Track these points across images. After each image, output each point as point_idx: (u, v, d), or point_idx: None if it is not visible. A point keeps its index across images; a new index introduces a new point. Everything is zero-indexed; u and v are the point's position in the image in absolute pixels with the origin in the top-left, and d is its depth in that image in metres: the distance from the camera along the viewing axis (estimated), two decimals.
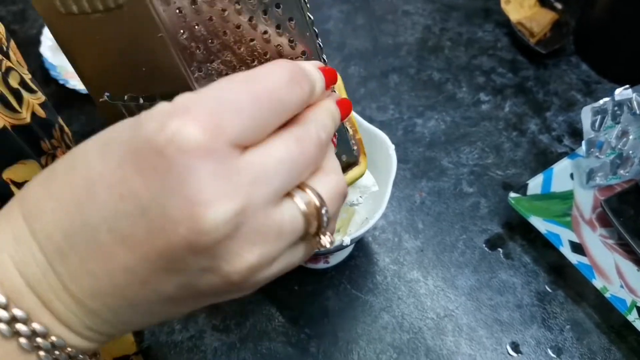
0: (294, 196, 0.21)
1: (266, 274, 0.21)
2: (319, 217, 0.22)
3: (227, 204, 0.18)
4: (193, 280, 0.20)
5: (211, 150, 0.18)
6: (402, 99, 0.70)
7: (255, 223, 0.19)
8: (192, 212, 0.18)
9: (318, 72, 0.25)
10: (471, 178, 0.62)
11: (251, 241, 0.20)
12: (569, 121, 0.66)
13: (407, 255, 0.56)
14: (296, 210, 0.21)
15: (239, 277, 0.20)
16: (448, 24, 0.79)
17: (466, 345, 0.50)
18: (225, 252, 0.19)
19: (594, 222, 0.55)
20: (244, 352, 0.50)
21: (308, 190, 0.22)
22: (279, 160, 0.20)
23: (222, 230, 0.18)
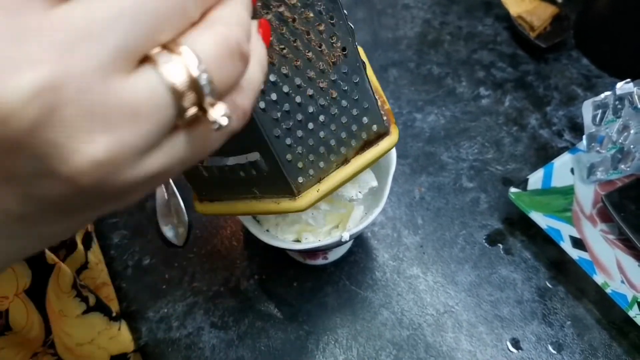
0: (154, 61, 0.15)
1: (138, 172, 0.16)
2: (196, 86, 0.16)
3: (30, 71, 0.13)
4: (31, 189, 0.15)
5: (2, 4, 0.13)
6: (401, 94, 0.69)
7: (87, 100, 0.14)
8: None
9: None
10: (471, 173, 0.61)
11: (88, 125, 0.14)
12: (569, 116, 0.66)
13: (407, 251, 0.55)
14: (154, 78, 0.15)
15: (89, 178, 0.15)
16: (448, 17, 0.78)
17: (466, 341, 0.49)
18: (49, 145, 0.14)
19: (594, 217, 0.55)
20: (242, 349, 0.50)
21: (180, 50, 0.16)
22: (110, 7, 0.14)
23: (30, 113, 0.13)
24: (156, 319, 0.52)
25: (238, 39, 0.17)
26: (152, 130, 0.15)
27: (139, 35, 0.15)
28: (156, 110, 0.15)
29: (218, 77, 0.16)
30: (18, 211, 0.16)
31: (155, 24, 0.15)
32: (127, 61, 0.15)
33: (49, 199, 0.16)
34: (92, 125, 0.14)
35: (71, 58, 0.14)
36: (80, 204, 0.16)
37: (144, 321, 0.52)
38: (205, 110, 0.16)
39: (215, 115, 0.16)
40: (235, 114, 0.18)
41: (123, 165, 0.15)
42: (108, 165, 0.15)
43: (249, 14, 0.19)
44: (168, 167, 0.17)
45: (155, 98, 0.15)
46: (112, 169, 0.15)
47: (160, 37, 0.15)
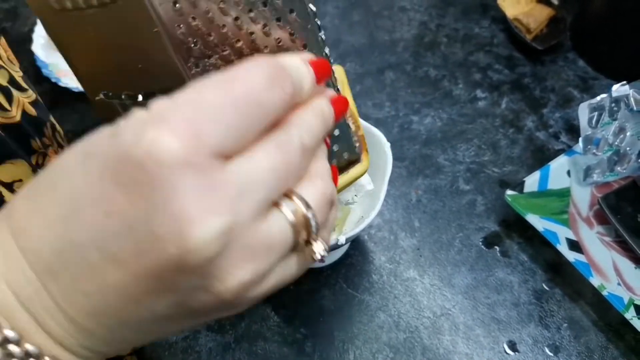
0: (280, 206, 0.20)
1: (259, 290, 0.21)
2: (307, 226, 0.21)
3: (215, 220, 0.17)
4: (186, 298, 0.19)
5: (192, 162, 0.17)
6: (398, 96, 0.69)
7: (245, 238, 0.19)
8: (180, 230, 0.17)
9: (306, 66, 0.23)
10: (468, 175, 0.61)
11: (242, 257, 0.19)
12: (565, 118, 0.66)
13: (403, 253, 0.55)
14: (284, 221, 0.20)
15: (232, 294, 0.19)
16: (444, 20, 0.78)
17: (463, 344, 0.49)
18: (215, 270, 0.18)
19: (591, 220, 0.55)
20: (239, 352, 0.49)
21: (295, 198, 0.21)
22: (263, 169, 0.19)
23: (212, 248, 0.18)
24: None
25: (332, 191, 0.23)
26: (277, 258, 0.21)
27: (278, 187, 0.20)
28: (282, 244, 0.20)
29: (320, 218, 0.22)
30: (165, 313, 0.20)
31: (285, 179, 0.20)
32: (267, 207, 0.20)
33: (193, 307, 0.20)
34: (245, 255, 0.19)
35: (240, 207, 0.18)
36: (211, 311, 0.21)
37: None
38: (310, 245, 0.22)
39: (318, 249, 0.22)
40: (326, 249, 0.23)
41: (254, 285, 0.20)
42: (247, 286, 0.19)
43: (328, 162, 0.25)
44: (277, 286, 0.22)
45: (284, 234, 0.20)
46: (248, 288, 0.20)
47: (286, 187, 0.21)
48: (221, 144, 0.18)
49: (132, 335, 0.22)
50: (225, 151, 0.19)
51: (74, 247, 0.19)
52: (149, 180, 0.17)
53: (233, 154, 0.19)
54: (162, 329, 0.22)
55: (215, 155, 0.18)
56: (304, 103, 0.23)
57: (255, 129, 0.20)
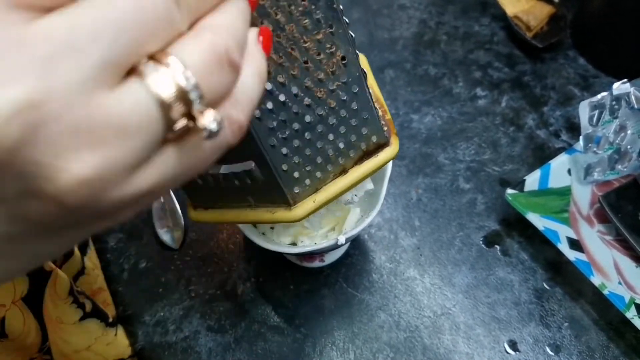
0: (141, 73, 0.15)
1: (128, 190, 0.15)
2: (183, 95, 0.15)
3: (9, 89, 0.12)
4: (17, 209, 0.15)
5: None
6: (398, 94, 0.69)
7: (72, 116, 0.13)
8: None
9: None
10: (468, 174, 0.61)
11: (74, 144, 0.14)
12: (566, 116, 0.66)
13: (404, 253, 0.55)
14: (141, 91, 0.14)
15: (77, 197, 0.14)
16: (444, 17, 0.78)
17: (463, 343, 0.49)
18: (32, 164, 0.13)
19: (591, 218, 0.55)
20: (239, 352, 0.49)
21: (167, 60, 0.15)
22: (94, 20, 0.14)
23: (12, 128, 0.13)
24: (152, 322, 0.51)
25: (227, 46, 0.16)
26: (141, 145, 0.15)
27: (124, 47, 0.14)
28: (144, 124, 0.15)
29: (206, 86, 0.16)
30: (5, 231, 0.16)
31: (141, 35, 0.14)
32: (112, 75, 0.14)
33: (36, 219, 0.15)
34: (77, 142, 0.14)
35: (53, 73, 0.13)
36: (70, 223, 0.16)
37: (140, 325, 0.51)
38: (196, 121, 0.16)
39: (205, 122, 0.15)
40: (230, 127, 0.17)
41: (111, 183, 0.15)
42: (95, 184, 0.14)
43: (244, 21, 0.18)
44: (159, 184, 0.16)
45: (143, 111, 0.14)
46: (100, 188, 0.14)
47: (146, 48, 0.15)
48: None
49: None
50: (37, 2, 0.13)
51: None
52: None
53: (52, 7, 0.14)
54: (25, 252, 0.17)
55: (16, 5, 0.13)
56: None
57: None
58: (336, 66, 0.30)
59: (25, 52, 0.13)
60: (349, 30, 0.30)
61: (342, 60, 0.30)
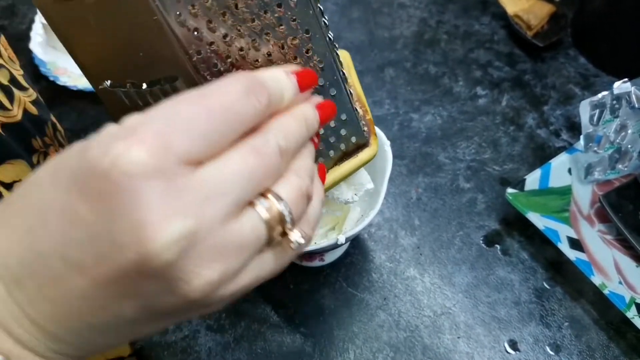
0: (254, 205, 0.21)
1: (233, 288, 0.21)
2: (281, 219, 0.21)
3: (176, 224, 0.18)
4: (151, 302, 0.20)
5: (158, 170, 0.18)
6: (398, 94, 0.69)
7: (213, 240, 0.19)
8: (140, 235, 0.18)
9: (287, 76, 0.24)
10: (468, 173, 0.61)
11: (209, 258, 0.19)
12: (567, 115, 0.66)
13: (404, 252, 0.55)
14: (256, 218, 0.21)
15: (200, 294, 0.19)
16: (444, 16, 0.78)
17: (463, 343, 0.49)
18: (179, 272, 0.18)
19: (592, 218, 0.55)
20: (239, 352, 0.49)
21: (269, 196, 0.21)
22: (233, 172, 0.20)
23: (173, 251, 0.18)
24: None
25: (307, 185, 0.23)
26: (250, 255, 0.21)
27: (250, 190, 0.20)
28: (255, 240, 0.21)
29: (295, 212, 0.22)
30: (131, 317, 0.20)
31: (260, 181, 0.21)
32: (239, 208, 0.20)
33: (161, 309, 0.20)
34: (212, 257, 0.19)
35: (206, 210, 0.18)
36: (181, 312, 0.21)
37: None
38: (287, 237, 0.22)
39: (295, 237, 0.22)
40: (305, 239, 0.23)
41: (225, 283, 0.20)
42: (215, 285, 0.19)
43: (313, 162, 0.25)
44: (253, 282, 0.22)
45: (257, 230, 0.21)
46: (218, 287, 0.20)
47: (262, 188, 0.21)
48: (190, 151, 0.19)
49: (101, 338, 0.22)
50: (195, 158, 0.19)
51: (39, 256, 0.20)
52: (113, 189, 0.18)
53: (205, 161, 0.19)
54: (135, 331, 0.22)
55: (183, 163, 0.18)
56: (286, 109, 0.24)
57: (229, 136, 0.20)
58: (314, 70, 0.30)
59: (190, 196, 0.18)
60: (328, 33, 0.30)
61: (319, 64, 0.30)
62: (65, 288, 0.20)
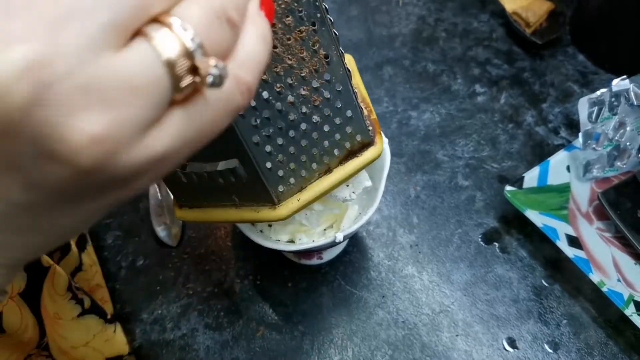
0: (146, 34, 0.15)
1: (147, 152, 0.16)
2: (187, 52, 0.16)
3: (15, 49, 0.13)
4: (33, 174, 0.15)
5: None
6: (396, 91, 0.69)
7: (80, 76, 0.14)
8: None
9: None
10: (466, 171, 0.61)
11: (83, 104, 0.14)
12: (565, 113, 0.66)
13: (402, 250, 0.55)
14: (148, 52, 0.15)
15: (90, 157, 0.14)
16: (443, 14, 0.78)
17: (462, 341, 0.49)
18: (45, 124, 0.13)
19: (590, 215, 0.55)
20: (237, 350, 0.49)
21: (165, 19, 0.15)
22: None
23: (20, 89, 0.13)
24: (150, 320, 0.51)
25: (223, 5, 0.17)
26: (150, 104, 0.15)
27: (129, 10, 0.14)
28: (152, 82, 0.15)
29: (206, 40, 0.16)
30: (22, 200, 0.16)
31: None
32: (119, 36, 0.14)
33: (51, 184, 0.15)
34: (87, 101, 0.14)
35: (61, 34, 0.13)
36: (86, 189, 0.16)
37: (138, 323, 0.51)
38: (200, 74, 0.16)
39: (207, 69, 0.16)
40: (238, 87, 0.18)
41: (123, 143, 0.15)
42: (108, 143, 0.14)
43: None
44: (173, 147, 0.17)
45: (150, 69, 0.15)
46: (113, 148, 0.15)
47: (150, 11, 0.15)
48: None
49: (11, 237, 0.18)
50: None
51: None
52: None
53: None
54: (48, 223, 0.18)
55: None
56: None
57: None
58: (319, 64, 0.30)
59: (33, 15, 0.13)
60: (333, 29, 0.30)
61: (325, 59, 0.30)
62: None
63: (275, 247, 0.41)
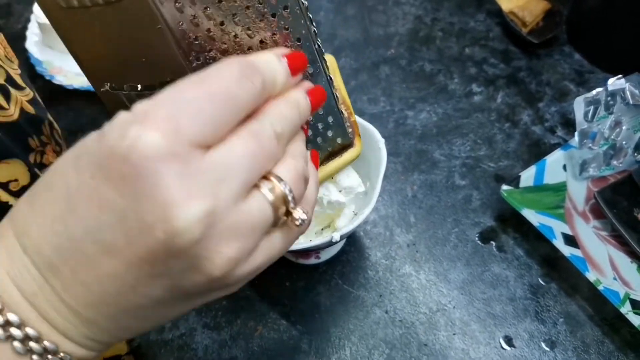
0: (260, 187, 0.22)
1: (248, 267, 0.22)
2: (284, 200, 0.23)
3: (197, 204, 0.19)
4: (179, 280, 0.21)
5: (173, 153, 0.19)
6: (393, 91, 0.69)
7: (228, 219, 0.20)
8: (165, 215, 0.19)
9: (278, 60, 0.25)
10: (463, 170, 0.61)
11: (227, 237, 0.20)
12: (561, 112, 0.66)
13: (399, 249, 0.55)
14: (263, 199, 0.22)
15: (221, 272, 0.21)
16: (439, 14, 0.78)
17: (459, 339, 0.49)
18: (203, 250, 0.20)
19: (587, 214, 0.55)
20: (235, 349, 0.49)
21: (271, 178, 0.23)
22: (239, 156, 0.21)
23: (196, 229, 0.19)
24: None
25: (303, 168, 0.25)
26: (260, 234, 0.22)
27: (255, 172, 0.22)
28: (264, 220, 0.22)
29: (295, 192, 0.24)
30: (160, 297, 0.22)
31: (263, 163, 0.22)
32: (246, 190, 0.21)
33: (187, 288, 0.21)
34: (230, 234, 0.20)
35: (220, 192, 0.20)
36: (204, 292, 0.22)
37: None
38: (291, 216, 0.23)
39: (298, 215, 0.23)
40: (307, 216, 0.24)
41: (242, 262, 0.21)
42: (234, 263, 0.21)
43: (305, 148, 0.27)
44: (265, 262, 0.23)
45: (264, 211, 0.22)
46: (236, 265, 0.21)
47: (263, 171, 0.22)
48: (200, 135, 0.20)
49: (132, 322, 0.23)
50: (204, 141, 0.20)
51: (71, 241, 0.21)
52: (135, 172, 0.19)
53: (212, 144, 0.21)
54: (161, 314, 0.23)
55: (194, 145, 0.20)
56: (279, 95, 0.25)
57: (230, 120, 0.21)
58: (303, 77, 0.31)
59: (205, 177, 0.20)
60: (317, 41, 0.31)
61: (309, 71, 0.32)
62: (99, 270, 0.21)
63: None
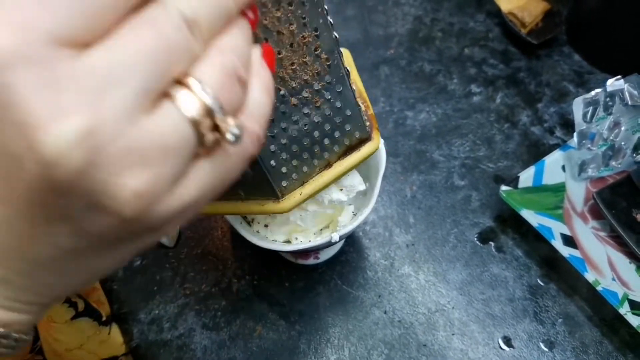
0: (170, 95, 0.17)
1: (175, 203, 0.18)
2: (207, 110, 0.17)
3: (69, 121, 0.14)
4: (83, 224, 0.17)
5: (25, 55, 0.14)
6: (392, 91, 0.69)
7: (123, 140, 0.15)
8: (29, 141, 0.14)
9: None
10: (462, 171, 0.61)
11: (127, 164, 0.16)
12: (560, 112, 0.66)
13: (398, 249, 0.55)
14: (175, 112, 0.17)
15: (133, 210, 0.16)
16: (439, 14, 0.78)
17: (458, 340, 0.49)
18: (97, 184, 0.15)
19: (586, 215, 0.55)
20: (234, 350, 0.49)
21: (188, 81, 0.17)
22: (129, 54, 0.15)
23: (75, 156, 0.15)
24: (147, 320, 0.51)
25: (235, 66, 0.18)
26: (180, 159, 0.17)
27: (156, 75, 0.16)
28: (181, 141, 0.17)
29: (223, 99, 0.18)
30: (70, 246, 0.18)
31: (167, 63, 0.16)
32: (149, 100, 0.16)
33: (98, 233, 0.17)
34: (130, 162, 0.15)
35: (102, 104, 0.15)
36: (125, 236, 0.18)
37: (135, 323, 0.51)
38: (221, 131, 0.18)
39: (228, 127, 0.18)
40: (249, 137, 0.19)
41: (160, 196, 0.17)
42: (147, 197, 0.16)
43: (246, 41, 0.20)
44: (199, 196, 0.18)
45: (179, 130, 0.17)
46: (150, 200, 0.17)
47: (172, 74, 0.17)
48: (65, 28, 0.14)
49: (51, 277, 0.20)
50: (75, 37, 0.15)
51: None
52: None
53: (90, 41, 0.15)
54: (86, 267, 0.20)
55: (59, 43, 0.14)
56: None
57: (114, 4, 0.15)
58: (321, 67, 0.31)
59: (76, 87, 0.14)
60: (333, 32, 0.31)
61: (327, 62, 0.31)
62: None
63: (272, 247, 0.42)
